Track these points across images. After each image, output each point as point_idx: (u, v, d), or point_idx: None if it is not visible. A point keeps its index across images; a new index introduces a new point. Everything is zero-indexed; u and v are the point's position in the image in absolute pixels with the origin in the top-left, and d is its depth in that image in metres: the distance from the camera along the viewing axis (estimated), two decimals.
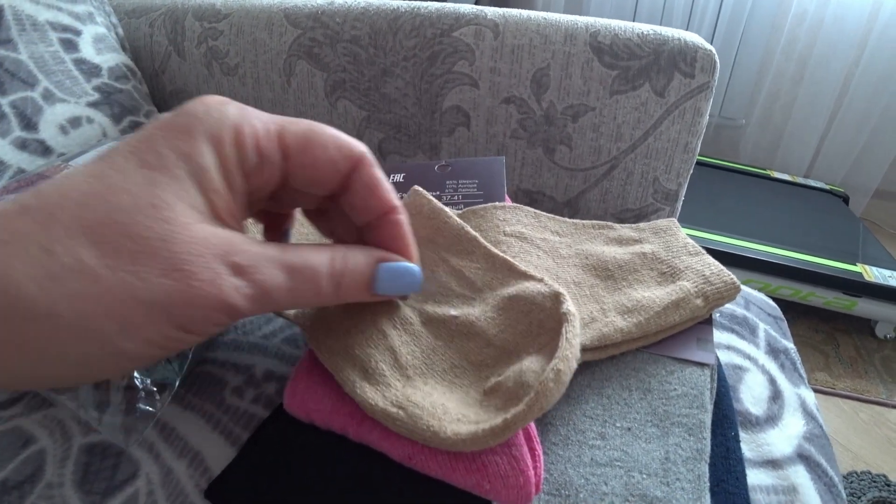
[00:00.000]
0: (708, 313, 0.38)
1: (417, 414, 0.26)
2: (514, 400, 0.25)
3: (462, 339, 0.32)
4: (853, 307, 1.39)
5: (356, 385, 0.28)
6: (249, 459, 0.31)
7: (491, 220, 0.43)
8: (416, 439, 0.26)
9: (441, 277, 0.36)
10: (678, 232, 0.44)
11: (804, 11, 1.73)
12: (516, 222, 0.43)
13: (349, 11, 0.64)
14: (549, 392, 0.24)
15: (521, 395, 0.25)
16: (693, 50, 0.56)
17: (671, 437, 0.32)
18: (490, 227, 0.42)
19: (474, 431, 0.24)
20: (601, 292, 0.39)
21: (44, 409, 0.37)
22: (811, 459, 0.39)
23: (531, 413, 0.24)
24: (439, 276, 0.36)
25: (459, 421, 0.26)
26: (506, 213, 0.43)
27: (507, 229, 0.42)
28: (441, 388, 0.29)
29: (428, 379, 0.30)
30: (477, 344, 0.31)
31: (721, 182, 1.76)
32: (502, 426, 0.24)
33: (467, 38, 0.60)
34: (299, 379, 0.32)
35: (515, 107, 0.61)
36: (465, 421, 0.26)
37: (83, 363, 0.21)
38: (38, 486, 0.33)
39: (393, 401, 0.27)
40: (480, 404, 0.27)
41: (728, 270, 0.39)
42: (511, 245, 0.41)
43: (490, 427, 0.24)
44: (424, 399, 0.27)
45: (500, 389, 0.27)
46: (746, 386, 0.44)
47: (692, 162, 0.60)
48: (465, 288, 0.35)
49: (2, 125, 0.58)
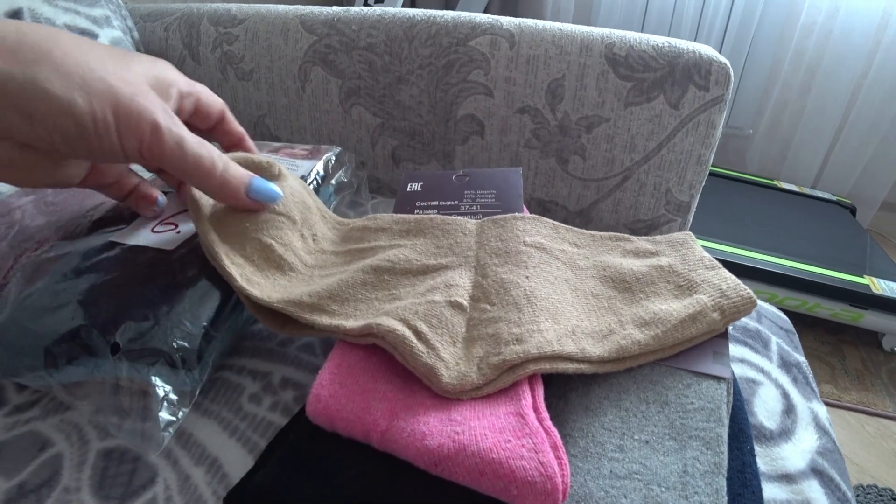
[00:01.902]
0: (724, 327, 0.38)
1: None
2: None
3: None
4: (860, 319, 1.38)
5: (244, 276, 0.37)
6: (269, 467, 0.31)
7: (511, 230, 0.43)
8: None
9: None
10: (694, 245, 0.44)
11: (813, 23, 1.73)
12: (536, 233, 0.43)
13: (365, 19, 0.64)
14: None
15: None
16: (708, 63, 0.56)
17: (689, 450, 0.32)
18: (510, 238, 0.42)
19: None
20: (619, 304, 0.39)
21: (61, 413, 0.37)
22: (825, 474, 0.39)
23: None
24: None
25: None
26: (525, 223, 0.44)
27: (528, 240, 0.42)
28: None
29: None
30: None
31: (728, 192, 1.76)
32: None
33: (483, 47, 0.60)
34: (323, 385, 0.32)
35: (530, 116, 0.61)
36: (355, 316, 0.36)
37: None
38: (56, 490, 0.33)
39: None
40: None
41: (744, 285, 0.39)
42: (531, 255, 0.41)
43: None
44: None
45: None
46: (760, 399, 0.44)
47: (705, 174, 0.60)
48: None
49: None
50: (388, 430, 0.29)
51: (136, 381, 0.35)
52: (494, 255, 0.41)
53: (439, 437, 0.28)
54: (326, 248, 0.43)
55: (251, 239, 0.38)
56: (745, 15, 1.76)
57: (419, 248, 0.42)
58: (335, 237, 0.45)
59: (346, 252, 0.43)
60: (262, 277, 0.38)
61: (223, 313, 0.39)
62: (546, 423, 0.29)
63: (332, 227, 0.45)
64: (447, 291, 0.37)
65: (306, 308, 0.36)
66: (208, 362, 0.37)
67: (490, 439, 0.27)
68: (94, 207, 0.48)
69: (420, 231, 0.43)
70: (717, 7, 1.76)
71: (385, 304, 0.37)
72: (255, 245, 0.38)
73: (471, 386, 0.32)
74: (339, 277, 0.39)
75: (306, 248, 0.42)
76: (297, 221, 0.41)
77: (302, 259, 0.41)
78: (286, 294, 0.37)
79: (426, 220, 0.44)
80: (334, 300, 0.37)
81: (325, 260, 0.42)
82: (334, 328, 0.35)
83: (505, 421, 0.29)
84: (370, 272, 0.39)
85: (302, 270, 0.40)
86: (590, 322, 0.37)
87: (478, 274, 0.39)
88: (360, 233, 0.45)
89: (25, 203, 0.48)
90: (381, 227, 0.44)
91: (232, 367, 0.41)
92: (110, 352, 0.35)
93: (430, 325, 0.35)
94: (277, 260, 0.39)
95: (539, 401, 0.31)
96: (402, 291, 0.38)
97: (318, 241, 0.43)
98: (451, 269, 0.40)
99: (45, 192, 0.50)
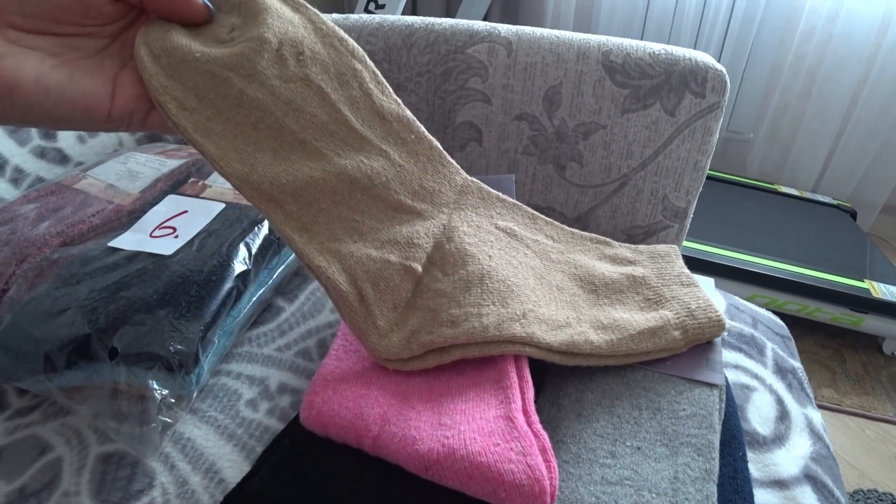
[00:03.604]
0: (685, 347, 0.37)
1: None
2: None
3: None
4: (860, 323, 1.38)
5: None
6: (265, 472, 0.31)
7: (489, 208, 0.43)
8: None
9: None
10: (676, 260, 0.44)
11: (813, 27, 1.73)
12: (511, 219, 0.43)
13: (364, 27, 0.65)
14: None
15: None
16: (704, 70, 0.56)
17: (680, 456, 0.32)
18: (485, 214, 0.42)
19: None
20: (581, 303, 0.39)
21: (61, 418, 0.38)
22: (818, 480, 0.40)
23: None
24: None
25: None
26: (504, 207, 0.44)
27: (500, 223, 0.42)
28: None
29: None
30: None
31: (728, 196, 1.75)
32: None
33: (481, 55, 0.61)
34: (316, 392, 0.32)
35: (527, 123, 0.61)
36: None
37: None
38: (55, 494, 0.33)
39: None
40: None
41: (716, 308, 0.38)
42: (500, 238, 0.41)
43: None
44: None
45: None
46: (754, 405, 0.44)
47: (701, 180, 0.61)
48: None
49: (22, 133, 0.60)
50: (379, 436, 0.29)
51: (133, 386, 0.35)
52: (466, 224, 0.40)
53: (429, 441, 0.28)
54: (313, 74, 0.34)
55: (203, 73, 0.32)
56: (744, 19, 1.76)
57: (405, 174, 0.38)
58: (328, 56, 0.35)
59: (339, 80, 0.36)
60: (221, 123, 0.32)
61: (220, 318, 0.40)
62: (535, 426, 0.30)
63: (328, 45, 0.36)
64: (406, 251, 0.37)
65: (264, 195, 0.33)
66: (205, 366, 0.37)
67: (479, 443, 0.28)
68: (94, 213, 0.48)
69: (415, 152, 0.39)
70: (716, 12, 1.76)
71: (344, 234, 0.35)
72: (208, 80, 0.32)
73: (396, 357, 0.34)
74: (310, 174, 0.34)
75: (282, 73, 0.33)
76: (269, 41, 0.33)
77: (272, 90, 0.33)
78: (246, 165, 0.33)
79: (427, 142, 0.40)
80: (296, 199, 0.34)
81: (303, 94, 0.34)
82: (287, 239, 0.34)
83: (494, 425, 0.29)
84: (345, 182, 0.35)
85: (270, 106, 0.33)
86: (548, 309, 0.37)
87: (444, 234, 0.39)
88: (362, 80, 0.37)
89: (28, 209, 0.48)
90: (383, 109, 0.38)
91: (229, 372, 0.41)
92: (109, 356, 0.35)
93: (377, 289, 0.35)
94: (236, 95, 0.32)
95: (529, 404, 0.31)
96: (365, 224, 0.36)
97: (304, 62, 0.34)
98: (421, 220, 0.38)
99: (48, 199, 0.50)
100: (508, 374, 0.33)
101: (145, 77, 0.30)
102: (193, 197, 0.50)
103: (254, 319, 0.45)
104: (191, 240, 0.44)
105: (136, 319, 0.36)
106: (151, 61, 0.30)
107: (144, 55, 0.30)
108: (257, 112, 0.33)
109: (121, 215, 0.49)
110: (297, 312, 0.47)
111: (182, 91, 0.31)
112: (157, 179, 0.54)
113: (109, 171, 0.55)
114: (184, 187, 0.52)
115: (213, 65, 0.31)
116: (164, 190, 0.52)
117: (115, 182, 0.53)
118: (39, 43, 0.28)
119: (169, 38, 0.31)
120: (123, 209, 0.49)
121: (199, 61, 0.31)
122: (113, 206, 0.50)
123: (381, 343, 0.34)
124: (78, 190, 0.52)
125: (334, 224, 0.35)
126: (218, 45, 0.32)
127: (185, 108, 0.31)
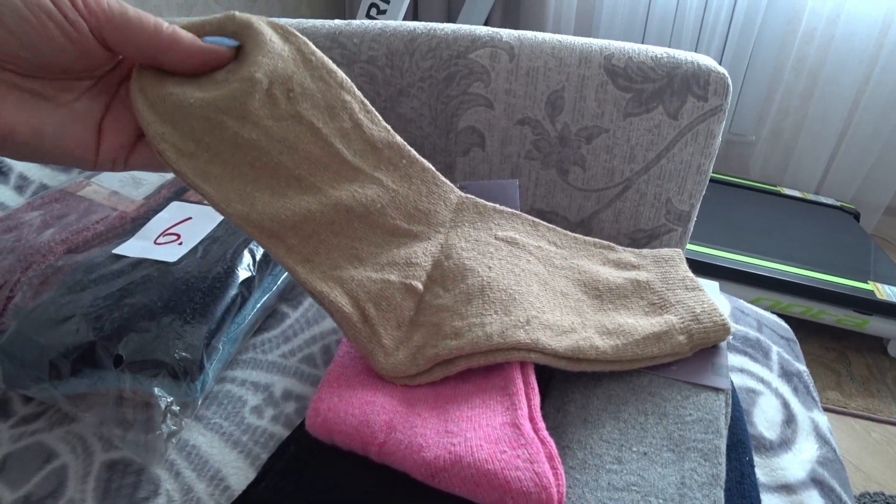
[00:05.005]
0: (690, 352, 0.37)
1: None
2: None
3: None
4: (865, 325, 1.38)
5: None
6: (270, 480, 0.31)
7: (487, 221, 0.43)
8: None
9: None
10: (680, 264, 0.44)
11: (814, 29, 1.73)
12: (510, 228, 0.44)
13: (366, 32, 0.65)
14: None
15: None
16: (706, 73, 0.56)
17: (687, 462, 0.32)
18: (484, 228, 0.42)
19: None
20: (586, 308, 0.39)
21: (66, 425, 0.38)
22: (825, 484, 0.39)
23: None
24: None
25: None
26: (503, 217, 0.44)
27: (500, 234, 0.42)
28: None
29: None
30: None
31: (731, 198, 1.75)
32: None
33: (483, 59, 0.61)
34: (322, 399, 0.32)
35: (530, 128, 0.61)
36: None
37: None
38: (61, 501, 0.33)
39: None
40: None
41: (721, 312, 0.38)
42: (500, 248, 0.41)
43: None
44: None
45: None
46: (760, 409, 0.44)
47: (705, 183, 0.61)
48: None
49: None
50: (385, 443, 0.29)
51: (138, 393, 0.35)
52: (464, 240, 0.41)
53: (436, 448, 0.28)
54: (304, 110, 0.35)
55: (198, 118, 0.32)
56: (746, 22, 1.76)
57: (399, 199, 0.39)
58: (318, 90, 0.36)
59: (330, 115, 0.36)
60: (219, 165, 0.33)
61: (224, 325, 0.40)
62: (542, 432, 0.30)
63: (317, 78, 0.36)
64: (405, 270, 0.37)
65: (265, 232, 0.33)
66: (210, 373, 0.37)
67: (486, 450, 0.28)
68: (98, 220, 0.48)
69: (408, 175, 0.39)
70: (717, 14, 1.76)
71: (344, 261, 0.36)
72: (203, 124, 0.32)
73: (404, 374, 0.35)
74: (307, 208, 0.34)
75: (274, 113, 0.34)
76: (260, 81, 0.33)
77: (265, 129, 0.33)
78: (246, 205, 0.33)
79: (419, 165, 0.40)
80: (296, 232, 0.34)
81: (296, 131, 0.35)
82: (290, 271, 0.34)
83: (501, 432, 0.29)
84: (342, 212, 0.36)
85: (265, 146, 0.34)
86: (552, 315, 0.37)
87: (442, 253, 0.40)
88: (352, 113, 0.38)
89: (32, 217, 0.49)
90: (374, 138, 0.38)
91: (234, 379, 0.41)
92: (114, 364, 0.35)
93: (379, 308, 0.35)
94: (232, 137, 0.33)
95: (535, 411, 0.31)
96: (364, 250, 0.37)
97: (294, 99, 0.34)
98: (418, 241, 0.39)
99: (52, 206, 0.50)
100: (514, 380, 0.33)
101: (143, 125, 0.31)
102: (197, 203, 0.50)
103: (258, 326, 0.45)
104: (195, 246, 0.44)
105: (141, 327, 0.36)
106: (148, 109, 0.31)
107: (141, 105, 0.31)
108: (253, 152, 0.33)
109: (125, 222, 0.49)
110: (302, 318, 0.47)
111: (179, 137, 0.31)
112: (161, 186, 0.54)
113: (113, 178, 0.55)
114: (188, 194, 0.52)
115: (207, 109, 0.32)
116: (168, 197, 0.52)
117: (119, 189, 0.54)
118: (33, 85, 0.28)
119: (163, 83, 0.31)
120: (127, 216, 0.50)
121: (194, 106, 0.31)
122: (117, 213, 0.50)
123: (388, 361, 0.35)
124: (82, 197, 0.52)
125: (334, 253, 0.36)
126: (213, 84, 0.33)
127: (184, 154, 0.32)
